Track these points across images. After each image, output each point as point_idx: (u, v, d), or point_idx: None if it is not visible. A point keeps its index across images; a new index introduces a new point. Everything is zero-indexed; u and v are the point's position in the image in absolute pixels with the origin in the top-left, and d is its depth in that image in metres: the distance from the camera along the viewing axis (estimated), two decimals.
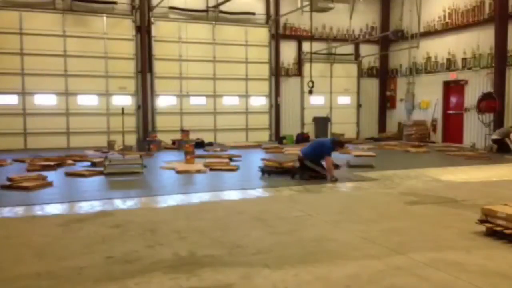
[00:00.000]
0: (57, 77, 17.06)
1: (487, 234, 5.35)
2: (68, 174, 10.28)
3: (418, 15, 17.93)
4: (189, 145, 12.75)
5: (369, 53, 21.99)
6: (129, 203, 7.40)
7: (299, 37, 20.78)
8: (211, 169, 10.95)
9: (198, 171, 10.75)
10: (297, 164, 9.91)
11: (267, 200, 7.84)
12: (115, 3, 17.76)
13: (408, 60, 20.67)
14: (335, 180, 9.33)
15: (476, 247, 4.97)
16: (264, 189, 8.70)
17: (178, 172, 10.66)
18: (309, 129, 20.93)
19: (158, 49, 18.40)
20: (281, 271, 4.25)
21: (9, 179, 9.14)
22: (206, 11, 19.11)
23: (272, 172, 10.20)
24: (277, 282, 3.99)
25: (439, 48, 19.10)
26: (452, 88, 18.89)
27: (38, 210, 6.92)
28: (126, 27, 17.94)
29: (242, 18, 19.68)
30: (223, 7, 18.96)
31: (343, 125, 21.38)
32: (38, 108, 16.95)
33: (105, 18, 17.62)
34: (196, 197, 7.90)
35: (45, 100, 17.06)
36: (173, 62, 18.60)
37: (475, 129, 17.29)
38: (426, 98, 19.81)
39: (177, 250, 4.87)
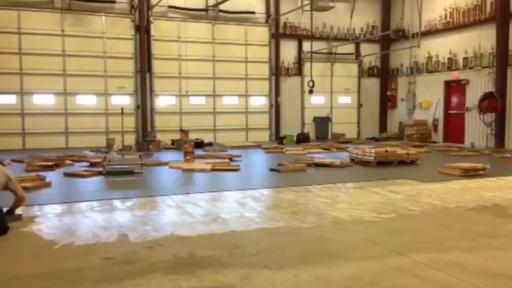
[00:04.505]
0: (55, 76, 17.02)
1: None
2: (67, 175, 10.23)
3: (419, 14, 17.89)
4: (189, 145, 12.71)
5: (370, 53, 21.95)
6: (128, 204, 7.35)
7: (299, 36, 20.73)
8: (213, 169, 10.92)
9: (202, 170, 10.78)
10: None
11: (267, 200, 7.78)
12: (114, 2, 17.72)
13: (409, 60, 20.64)
14: None
15: (477, 248, 4.93)
16: (264, 190, 8.64)
17: (185, 170, 10.80)
18: (310, 129, 20.88)
19: (157, 49, 18.35)
20: (281, 272, 4.21)
21: None
22: (205, 10, 19.07)
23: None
24: (277, 283, 3.96)
25: (440, 47, 19.05)
26: (454, 88, 18.85)
27: (36, 211, 6.87)
28: (125, 26, 17.89)
29: (242, 17, 19.63)
30: (222, 6, 18.90)
31: (343, 125, 21.35)
32: (37, 108, 16.91)
33: (104, 17, 17.57)
34: (196, 198, 7.84)
35: (43, 100, 17.02)
36: (172, 62, 18.55)
37: (477, 129, 17.25)
38: (427, 98, 19.76)
39: (176, 251, 4.83)
